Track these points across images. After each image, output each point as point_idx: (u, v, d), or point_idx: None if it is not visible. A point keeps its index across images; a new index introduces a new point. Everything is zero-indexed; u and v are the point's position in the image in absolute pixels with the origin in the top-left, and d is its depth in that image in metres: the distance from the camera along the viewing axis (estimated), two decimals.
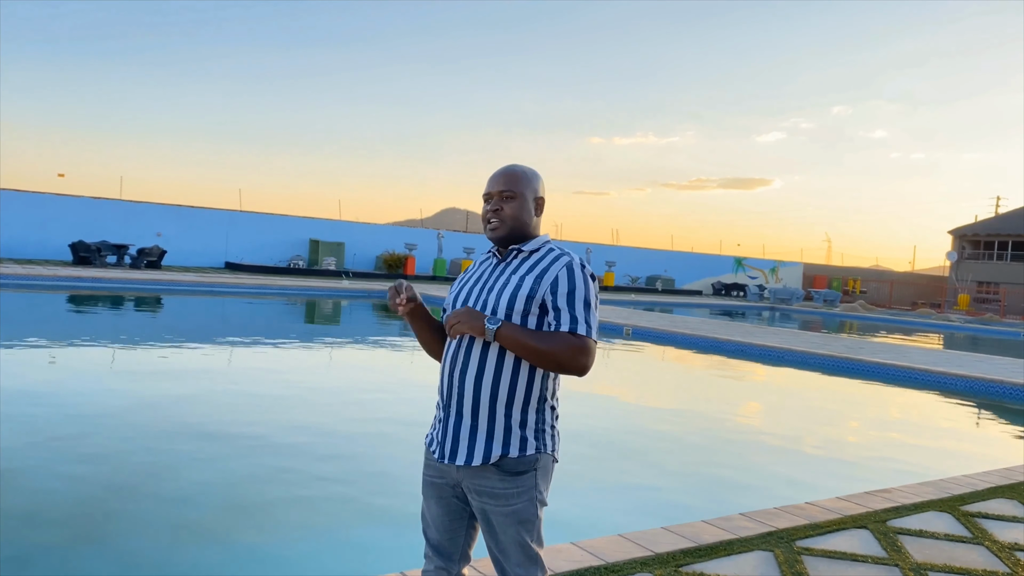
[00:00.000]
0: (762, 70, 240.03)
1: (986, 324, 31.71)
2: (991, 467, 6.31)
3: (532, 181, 2.27)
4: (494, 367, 2.12)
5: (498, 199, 2.24)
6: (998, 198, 58.19)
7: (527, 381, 2.15)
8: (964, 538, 4.36)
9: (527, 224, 2.25)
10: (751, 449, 7.63)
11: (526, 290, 2.14)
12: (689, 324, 18.70)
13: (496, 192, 2.24)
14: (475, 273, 2.33)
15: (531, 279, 2.16)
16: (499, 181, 2.25)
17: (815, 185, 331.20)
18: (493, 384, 2.12)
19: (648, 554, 3.71)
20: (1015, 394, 11.11)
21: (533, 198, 2.27)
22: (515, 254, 2.26)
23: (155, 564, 3.91)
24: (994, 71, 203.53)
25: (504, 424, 2.13)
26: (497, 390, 2.12)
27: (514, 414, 2.14)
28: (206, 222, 29.08)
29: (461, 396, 2.15)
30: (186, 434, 6.39)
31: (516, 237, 2.25)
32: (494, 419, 2.13)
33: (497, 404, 2.12)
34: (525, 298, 2.13)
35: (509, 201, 2.23)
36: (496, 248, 2.31)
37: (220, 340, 12.48)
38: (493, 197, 2.25)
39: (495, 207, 2.24)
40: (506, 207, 2.23)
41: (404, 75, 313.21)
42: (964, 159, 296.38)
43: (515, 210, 2.23)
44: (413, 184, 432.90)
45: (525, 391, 2.15)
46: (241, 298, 20.27)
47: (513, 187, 2.23)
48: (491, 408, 2.12)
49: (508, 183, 2.24)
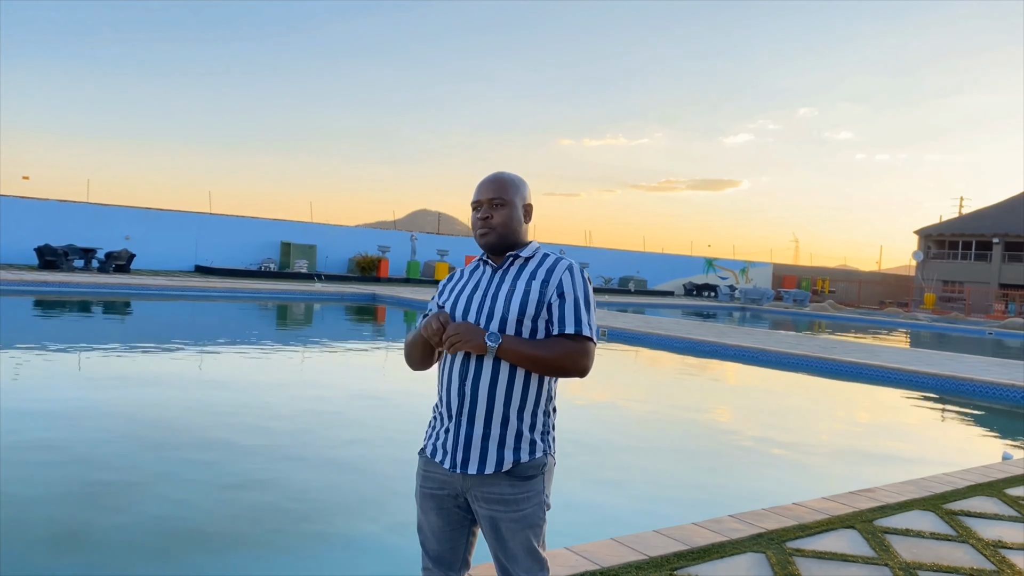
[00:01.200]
0: (729, 72, 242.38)
1: (952, 322, 32.27)
2: (969, 465, 6.40)
3: (520, 188, 2.29)
4: (507, 373, 2.12)
5: (488, 207, 2.24)
6: (961, 199, 59.48)
7: (537, 385, 2.16)
8: (949, 536, 4.41)
9: (517, 231, 2.26)
10: (733, 450, 7.68)
11: (536, 295, 2.15)
12: (663, 325, 18.80)
13: (486, 200, 2.25)
14: (467, 281, 2.30)
15: (538, 285, 2.17)
16: (488, 189, 2.25)
17: (782, 186, 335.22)
18: (507, 390, 2.12)
19: (642, 557, 3.71)
20: (985, 392, 11.30)
21: (522, 205, 2.28)
22: (512, 260, 2.25)
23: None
24: (956, 74, 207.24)
25: (516, 430, 2.14)
26: (511, 396, 2.12)
27: (525, 418, 2.16)
28: (176, 225, 28.70)
29: (474, 404, 2.13)
30: (158, 441, 6.28)
31: (507, 244, 2.25)
32: (507, 425, 2.13)
33: (510, 410, 2.13)
34: (536, 303, 2.14)
35: (499, 208, 2.24)
36: (486, 256, 2.31)
37: (192, 345, 12.31)
38: (483, 205, 2.25)
39: (485, 215, 2.24)
40: (496, 214, 2.23)
41: (374, 75, 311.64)
42: (928, 160, 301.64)
43: (505, 217, 2.23)
44: (385, 186, 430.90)
45: (535, 395, 2.16)
46: (212, 302, 20.04)
47: (503, 194, 2.24)
48: (504, 414, 2.13)
49: (498, 190, 2.24)
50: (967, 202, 59.23)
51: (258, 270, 28.47)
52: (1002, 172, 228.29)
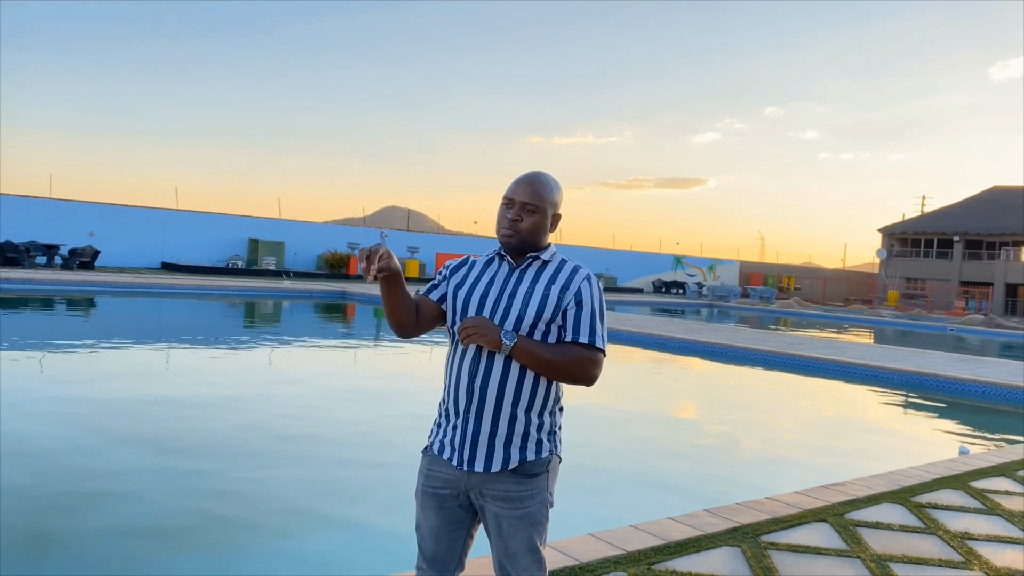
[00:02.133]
0: (697, 72, 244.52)
1: (914, 319, 32.86)
2: (934, 458, 6.53)
3: (555, 196, 2.25)
4: (517, 373, 2.13)
5: (520, 209, 2.20)
6: (923, 197, 60.49)
7: (545, 386, 2.18)
8: (918, 529, 4.50)
9: (541, 238, 2.24)
10: (705, 445, 7.77)
11: (554, 300, 2.16)
12: (634, 322, 18.92)
13: (519, 201, 2.20)
14: (482, 274, 2.27)
15: (557, 290, 2.17)
16: (525, 191, 2.20)
17: (749, 184, 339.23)
18: (517, 389, 2.13)
19: (620, 553, 3.74)
20: (948, 387, 11.53)
21: (552, 214, 2.26)
22: (531, 261, 2.24)
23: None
24: (918, 76, 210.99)
25: (524, 429, 2.15)
26: (520, 394, 2.13)
27: (533, 418, 2.17)
28: (141, 221, 28.29)
29: (483, 402, 2.13)
30: (125, 439, 6.21)
31: (528, 248, 2.24)
32: (515, 424, 2.14)
33: (519, 408, 2.14)
34: (553, 308, 2.15)
35: (531, 215, 2.20)
36: (503, 251, 2.27)
37: (159, 343, 12.15)
38: (515, 205, 2.21)
39: (515, 217, 2.20)
40: (526, 219, 2.20)
41: (342, 71, 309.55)
42: (891, 160, 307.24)
43: (534, 225, 2.20)
44: (353, 182, 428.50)
45: (544, 395, 2.18)
46: (180, 299, 19.78)
47: (537, 202, 2.20)
48: (513, 412, 2.13)
49: (534, 197, 2.20)
50: (929, 201, 60.34)
51: (226, 267, 28.16)
52: (963, 172, 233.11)
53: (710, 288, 39.44)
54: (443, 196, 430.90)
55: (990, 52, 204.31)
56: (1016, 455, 6.64)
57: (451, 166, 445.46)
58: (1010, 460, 6.43)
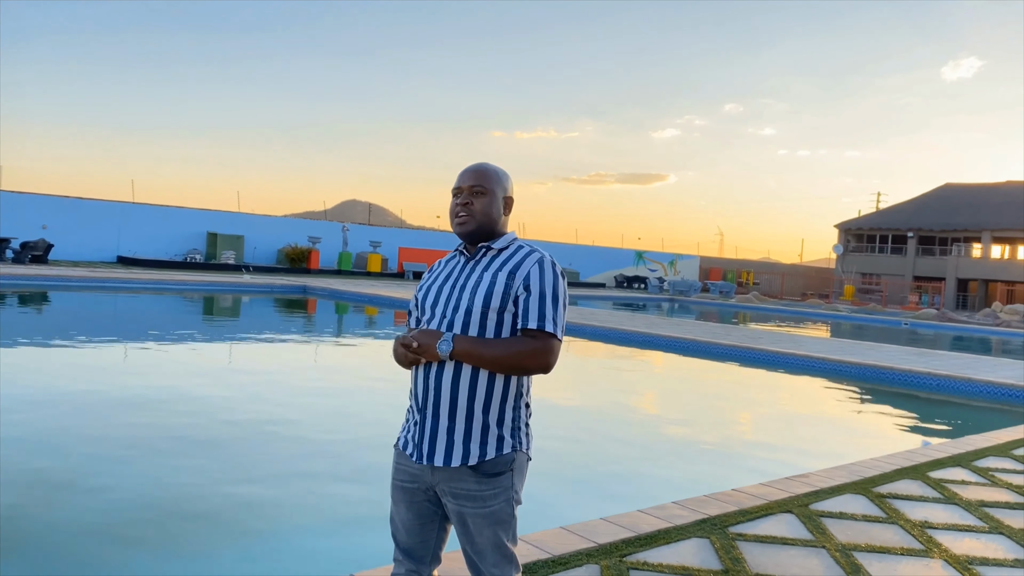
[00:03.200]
0: (658, 68, 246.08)
1: (870, 313, 33.51)
2: (893, 449, 6.67)
3: (503, 180, 2.27)
4: (469, 370, 2.10)
5: (468, 193, 2.21)
6: (879, 194, 61.61)
7: (503, 380, 2.14)
8: (880, 518, 4.60)
9: (495, 221, 2.23)
10: (671, 438, 7.84)
11: (501, 287, 2.12)
12: (597, 316, 19.03)
13: (466, 187, 2.22)
14: (442, 271, 2.29)
15: (504, 275, 2.14)
16: (470, 176, 2.23)
17: (708, 180, 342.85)
18: (471, 385, 2.10)
19: (592, 545, 3.76)
20: (904, 380, 11.79)
21: (503, 196, 2.26)
22: (484, 251, 2.23)
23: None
24: (872, 74, 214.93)
25: (482, 423, 2.12)
26: (475, 392, 2.10)
27: (492, 413, 2.13)
28: (96, 214, 27.69)
29: (438, 397, 2.11)
30: (81, 439, 6.08)
31: (484, 233, 2.22)
32: (472, 419, 2.11)
33: (475, 404, 2.11)
34: (501, 295, 2.11)
35: (479, 197, 2.21)
36: (463, 246, 2.28)
37: (115, 338, 11.92)
38: (463, 191, 2.22)
39: (465, 201, 2.21)
40: (476, 202, 2.20)
41: (301, 62, 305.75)
42: (847, 157, 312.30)
43: (485, 206, 2.21)
44: (313, 175, 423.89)
45: (503, 389, 2.14)
46: (137, 294, 19.43)
47: (484, 183, 2.22)
48: (469, 408, 2.10)
49: (479, 179, 2.22)
50: (884, 198, 61.36)
51: (183, 261, 27.71)
52: (916, 169, 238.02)
53: (671, 283, 39.83)
54: (405, 190, 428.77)
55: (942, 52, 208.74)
56: (971, 446, 6.81)
57: (412, 160, 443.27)
58: (966, 451, 6.59)
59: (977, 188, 54.30)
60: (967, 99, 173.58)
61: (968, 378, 11.29)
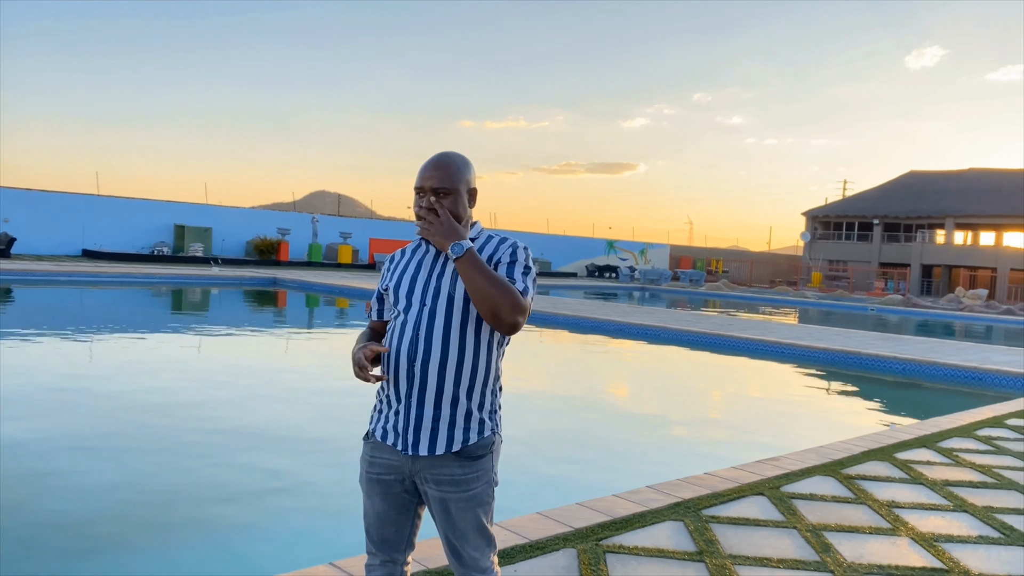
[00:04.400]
0: (627, 57, 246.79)
1: (837, 300, 33.97)
2: (860, 432, 6.80)
3: (465, 172, 2.21)
4: (456, 354, 2.11)
5: (430, 194, 2.15)
6: (845, 182, 62.43)
7: (486, 362, 2.16)
8: (848, 499, 4.70)
9: (462, 218, 2.19)
10: (645, 423, 7.92)
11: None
12: (570, 306, 19.11)
13: (428, 187, 2.15)
14: (410, 260, 2.26)
15: (484, 261, 2.15)
16: (432, 175, 2.16)
17: (678, 169, 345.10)
18: (457, 369, 2.11)
19: (568, 530, 3.81)
20: (870, 364, 12.00)
21: (467, 191, 2.21)
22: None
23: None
24: (838, 63, 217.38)
25: (466, 409, 2.14)
26: (461, 375, 2.11)
27: (475, 398, 2.15)
28: (60, 207, 27.22)
29: (424, 385, 2.11)
30: (48, 437, 6.01)
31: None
32: (457, 406, 2.12)
33: (460, 390, 2.12)
34: None
35: (444, 198, 2.15)
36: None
37: (82, 333, 11.76)
38: (426, 192, 2.16)
39: (430, 207, 2.14)
40: (441, 207, 2.14)
41: (267, 52, 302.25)
42: (813, 145, 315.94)
43: (451, 206, 2.15)
44: (282, 166, 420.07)
45: (484, 373, 2.16)
46: (103, 288, 19.15)
47: (447, 184, 2.15)
48: (455, 394, 2.12)
49: (442, 179, 2.15)
50: (850, 185, 62.20)
51: (151, 254, 27.36)
52: (881, 157, 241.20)
53: (642, 272, 40.08)
54: (375, 181, 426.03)
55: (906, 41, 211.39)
56: (936, 428, 6.96)
57: (382, 151, 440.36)
58: (931, 432, 6.73)
59: (941, 175, 55.22)
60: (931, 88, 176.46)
61: (933, 362, 11.52)
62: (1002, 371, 10.92)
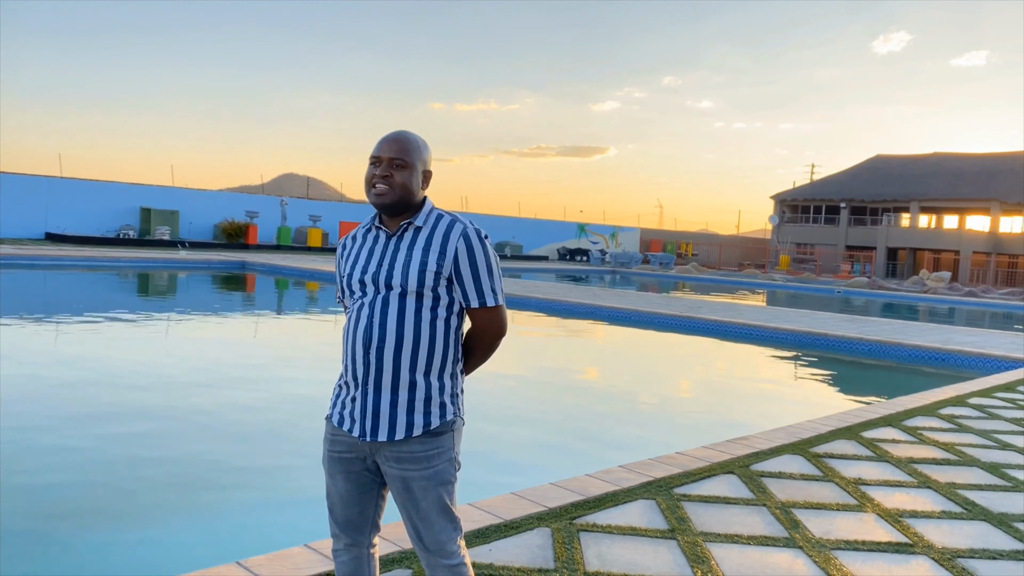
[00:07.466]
0: (597, 40, 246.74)
1: (804, 282, 34.42)
2: (828, 412, 6.91)
3: (423, 152, 2.21)
4: (412, 337, 2.10)
5: (388, 165, 2.14)
6: (812, 165, 63.03)
7: (443, 347, 2.15)
8: (816, 477, 4.78)
9: (414, 195, 2.18)
10: (617, 404, 7.98)
11: (433, 266, 2.11)
12: (541, 288, 19.14)
13: (387, 158, 2.15)
14: (361, 247, 2.24)
15: (435, 256, 2.13)
16: (391, 147, 2.16)
17: (648, 153, 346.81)
18: (413, 354, 2.10)
19: (542, 509, 3.84)
20: (836, 345, 12.19)
21: (422, 170, 2.21)
22: (406, 228, 2.18)
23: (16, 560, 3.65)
24: (805, 47, 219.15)
25: (425, 394, 2.13)
26: (417, 360, 2.11)
27: (433, 382, 2.14)
28: (21, 190, 26.65)
29: (380, 372, 2.10)
30: (19, 415, 5.93)
31: (402, 206, 2.17)
32: (415, 390, 2.12)
33: (417, 374, 2.11)
34: (434, 274, 2.11)
35: (400, 170, 2.14)
36: (379, 219, 2.23)
37: (46, 317, 11.57)
38: (383, 162, 2.15)
39: (384, 172, 2.14)
40: (397, 175, 2.14)
41: (234, 31, 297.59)
42: (781, 129, 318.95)
43: (405, 179, 2.14)
44: (250, 148, 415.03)
45: (442, 358, 2.15)
46: (67, 272, 18.83)
47: (405, 156, 2.15)
48: (412, 379, 2.11)
49: (400, 151, 2.15)
50: (818, 169, 63.11)
51: (116, 237, 26.93)
52: (849, 141, 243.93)
53: (613, 255, 40.26)
54: (343, 163, 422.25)
55: (873, 27, 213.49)
56: (901, 407, 7.09)
57: (351, 133, 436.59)
58: (895, 411, 6.86)
59: (906, 160, 55.97)
60: (897, 73, 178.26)
61: (898, 343, 11.73)
62: (964, 351, 11.15)
